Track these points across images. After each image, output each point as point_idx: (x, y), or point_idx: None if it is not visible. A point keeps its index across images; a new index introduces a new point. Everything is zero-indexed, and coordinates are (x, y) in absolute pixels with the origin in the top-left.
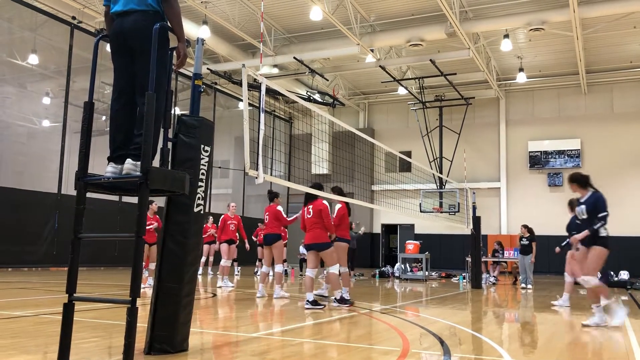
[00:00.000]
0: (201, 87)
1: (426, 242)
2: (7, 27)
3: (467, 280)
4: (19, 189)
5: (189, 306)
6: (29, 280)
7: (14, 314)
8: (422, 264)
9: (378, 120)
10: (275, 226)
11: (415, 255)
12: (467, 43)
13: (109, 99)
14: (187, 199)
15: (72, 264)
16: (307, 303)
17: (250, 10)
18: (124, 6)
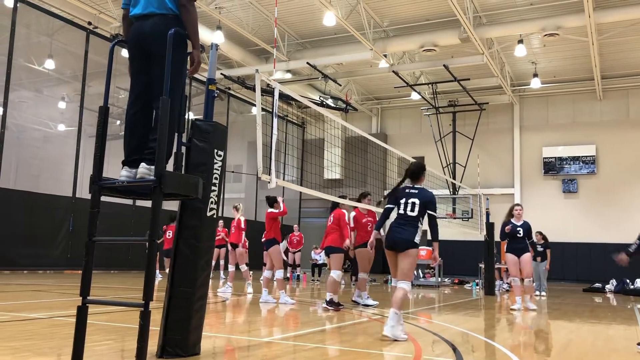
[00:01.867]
0: (215, 92)
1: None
2: (24, 33)
3: (480, 287)
4: (34, 192)
5: (201, 310)
6: (44, 283)
7: (29, 316)
8: (435, 270)
9: (391, 126)
10: (270, 231)
11: (428, 261)
12: (481, 48)
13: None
14: (200, 203)
15: (86, 267)
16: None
17: (264, 16)
18: (144, 9)
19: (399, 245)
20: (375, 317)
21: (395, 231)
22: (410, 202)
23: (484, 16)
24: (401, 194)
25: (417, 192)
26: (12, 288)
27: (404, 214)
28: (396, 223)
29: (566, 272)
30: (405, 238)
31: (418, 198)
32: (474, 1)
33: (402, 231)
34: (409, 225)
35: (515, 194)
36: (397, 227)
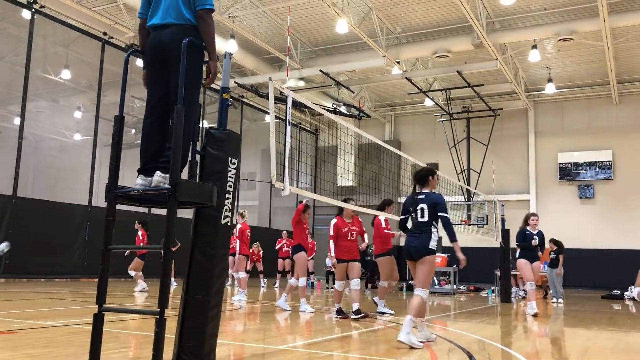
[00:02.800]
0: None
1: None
2: (41, 44)
3: (496, 294)
4: (51, 201)
5: (216, 318)
6: (61, 291)
7: (46, 324)
8: (450, 277)
9: (404, 132)
10: (295, 237)
11: (443, 268)
12: (495, 54)
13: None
14: (215, 211)
15: (102, 274)
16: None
17: (277, 25)
18: (162, 19)
19: (413, 254)
20: (391, 324)
21: (409, 240)
22: (419, 208)
23: (497, 22)
24: (410, 202)
25: (424, 196)
26: (29, 296)
27: (415, 221)
28: (410, 232)
29: (583, 279)
30: (418, 245)
31: (425, 202)
32: (487, 7)
33: (414, 239)
34: (421, 232)
35: (531, 200)
36: (410, 235)
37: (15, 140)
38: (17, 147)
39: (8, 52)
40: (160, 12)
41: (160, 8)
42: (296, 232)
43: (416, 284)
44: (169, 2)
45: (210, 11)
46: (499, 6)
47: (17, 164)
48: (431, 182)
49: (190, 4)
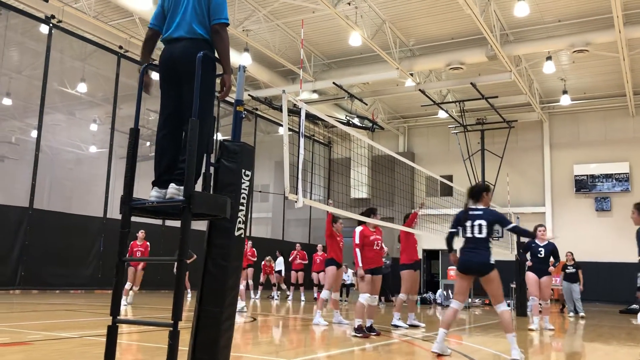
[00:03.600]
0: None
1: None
2: (58, 58)
3: (512, 308)
4: (66, 212)
5: (229, 330)
6: (75, 303)
7: (61, 335)
8: None
9: (418, 144)
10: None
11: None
12: (509, 66)
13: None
14: (229, 222)
15: (117, 286)
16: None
17: (290, 38)
18: (174, 33)
19: (474, 270)
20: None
21: (468, 256)
22: (477, 224)
23: (511, 33)
24: (464, 217)
25: (482, 212)
26: (44, 307)
27: (472, 236)
28: (467, 247)
29: (600, 293)
30: (480, 261)
31: (484, 219)
32: (501, 19)
33: (475, 255)
34: (480, 248)
35: (547, 213)
36: (469, 251)
37: (32, 153)
38: (34, 159)
39: (26, 66)
40: (174, 26)
41: (175, 22)
42: (329, 245)
43: (494, 301)
44: (183, 17)
45: (225, 25)
46: (512, 18)
47: (34, 176)
48: (485, 198)
49: (203, 18)
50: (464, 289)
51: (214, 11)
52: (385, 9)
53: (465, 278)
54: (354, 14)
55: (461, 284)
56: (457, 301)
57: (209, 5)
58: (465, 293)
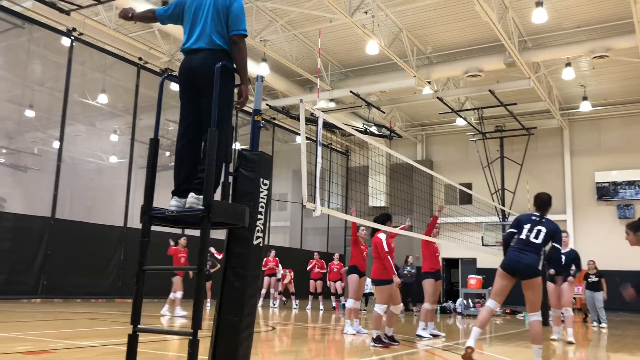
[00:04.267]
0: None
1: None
2: (79, 70)
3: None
4: (88, 222)
5: (249, 339)
6: (96, 311)
7: (82, 344)
8: (485, 299)
9: (436, 152)
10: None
11: (478, 290)
12: (527, 73)
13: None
14: (247, 231)
15: (137, 295)
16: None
17: (307, 47)
18: (194, 44)
19: (521, 271)
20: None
21: (517, 255)
22: (536, 229)
23: (529, 40)
24: (525, 220)
25: (545, 221)
26: (66, 316)
27: (527, 239)
28: (516, 247)
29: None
30: (529, 264)
31: (545, 227)
32: (519, 26)
33: (524, 256)
34: (531, 251)
35: (568, 221)
36: (518, 251)
37: (54, 163)
38: (56, 169)
39: (48, 78)
40: (193, 38)
41: (194, 34)
42: (352, 252)
43: (530, 308)
44: (202, 28)
45: (243, 36)
46: (530, 25)
47: (56, 186)
48: (548, 209)
49: (222, 29)
50: (504, 290)
51: (232, 22)
52: (402, 18)
53: (506, 279)
54: (371, 23)
55: (502, 285)
56: (495, 301)
57: (227, 16)
58: (504, 295)
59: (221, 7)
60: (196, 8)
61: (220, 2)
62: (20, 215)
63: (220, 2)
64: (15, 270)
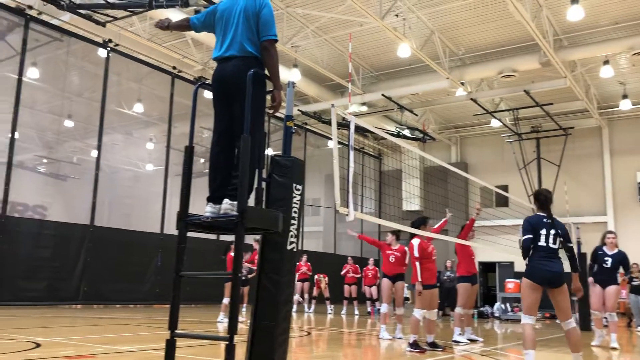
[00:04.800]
0: (293, 128)
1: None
2: (116, 80)
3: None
4: (125, 229)
5: (284, 344)
6: (134, 317)
7: (122, 349)
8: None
9: (471, 154)
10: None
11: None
12: (564, 72)
13: (208, 143)
14: (281, 237)
15: (174, 301)
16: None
17: (338, 52)
18: (225, 52)
19: (554, 280)
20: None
21: (548, 265)
22: (552, 234)
23: (565, 38)
24: (538, 223)
25: (555, 222)
26: (105, 322)
27: (547, 246)
28: (542, 256)
29: None
30: (559, 271)
31: (558, 229)
32: (554, 24)
33: (552, 264)
34: (555, 257)
35: (609, 222)
36: (547, 260)
37: (93, 172)
38: (94, 178)
39: (86, 89)
40: (225, 46)
41: (226, 42)
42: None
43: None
44: (233, 36)
45: (274, 42)
46: (566, 22)
47: (94, 195)
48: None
49: (253, 36)
50: (537, 302)
51: (262, 28)
52: (433, 19)
53: (537, 290)
54: (402, 26)
55: (534, 298)
56: (532, 316)
57: (257, 22)
58: (537, 307)
59: (251, 13)
60: (227, 16)
61: (250, 9)
62: (60, 223)
63: (250, 9)
64: (56, 277)
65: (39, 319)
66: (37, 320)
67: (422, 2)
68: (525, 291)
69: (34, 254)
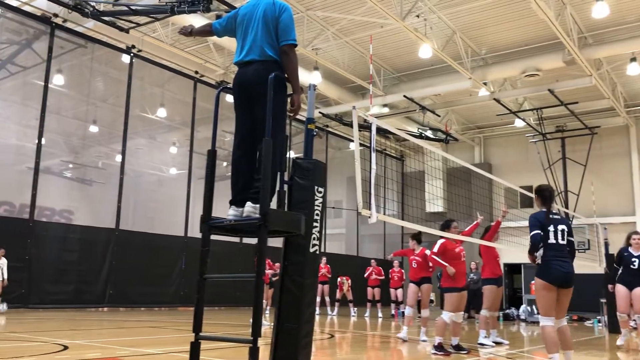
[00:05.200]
0: (314, 130)
1: None
2: (139, 85)
3: (603, 324)
4: (150, 232)
5: (307, 347)
6: (160, 320)
7: (147, 352)
8: None
9: (495, 155)
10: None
11: None
12: (589, 70)
13: (230, 146)
14: (303, 239)
15: (198, 303)
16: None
17: (359, 54)
18: (246, 57)
19: (569, 281)
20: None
21: (561, 265)
22: (560, 230)
23: (589, 36)
24: (547, 220)
25: (562, 218)
26: (131, 324)
27: (557, 244)
28: (555, 255)
29: None
30: (572, 272)
31: (565, 224)
32: (578, 22)
33: (567, 265)
34: (567, 256)
35: (638, 222)
36: (560, 260)
37: (117, 176)
38: (119, 182)
39: (110, 94)
40: (245, 50)
41: (245, 46)
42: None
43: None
44: (253, 40)
45: (293, 46)
46: (590, 20)
47: (119, 199)
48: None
49: (272, 40)
50: (554, 302)
51: (282, 32)
52: (455, 19)
53: (552, 290)
54: (423, 26)
55: (551, 298)
56: (551, 317)
57: (277, 26)
58: (554, 307)
59: (270, 18)
60: (247, 20)
61: (270, 13)
62: (86, 227)
63: (269, 13)
64: (83, 281)
65: (66, 321)
66: (65, 323)
67: (443, 2)
68: (540, 292)
69: (61, 257)
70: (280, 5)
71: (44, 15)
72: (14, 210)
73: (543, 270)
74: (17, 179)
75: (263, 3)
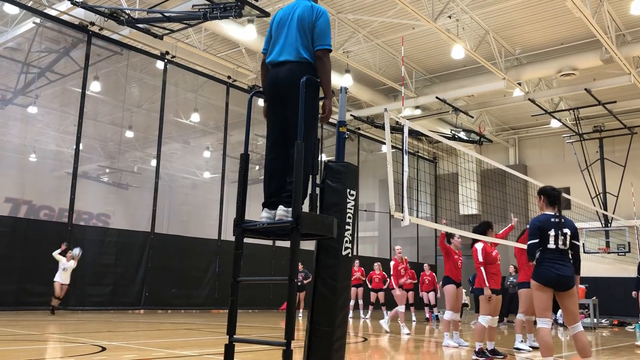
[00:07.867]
0: (345, 133)
1: (593, 286)
2: (173, 91)
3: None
4: (184, 236)
5: (341, 350)
6: (194, 322)
7: (182, 354)
8: (590, 310)
9: (530, 156)
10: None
11: (581, 300)
12: (628, 68)
13: (262, 150)
14: (336, 242)
15: (232, 306)
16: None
17: (390, 56)
18: (279, 57)
19: (563, 284)
20: None
21: (557, 268)
22: (563, 234)
23: (627, 34)
24: (547, 223)
25: (565, 221)
26: (166, 327)
27: (557, 248)
28: (551, 259)
29: None
30: (570, 275)
31: (569, 228)
32: (616, 19)
33: (563, 268)
34: (566, 259)
35: None
36: (557, 262)
37: (153, 181)
38: (154, 186)
39: (145, 100)
40: (278, 50)
41: (279, 45)
42: (444, 262)
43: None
44: (287, 40)
45: (328, 51)
46: (629, 17)
47: (154, 202)
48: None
49: (307, 43)
50: (550, 303)
51: (317, 37)
52: (487, 19)
53: (546, 291)
54: (455, 27)
55: (545, 298)
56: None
57: (313, 30)
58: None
59: (307, 21)
60: (281, 21)
61: (307, 17)
62: (123, 230)
63: (306, 17)
64: (119, 283)
65: (104, 323)
66: (103, 324)
67: (475, 3)
68: (534, 293)
69: (99, 260)
70: (318, 9)
71: (81, 23)
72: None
73: (536, 271)
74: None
75: (301, 5)
